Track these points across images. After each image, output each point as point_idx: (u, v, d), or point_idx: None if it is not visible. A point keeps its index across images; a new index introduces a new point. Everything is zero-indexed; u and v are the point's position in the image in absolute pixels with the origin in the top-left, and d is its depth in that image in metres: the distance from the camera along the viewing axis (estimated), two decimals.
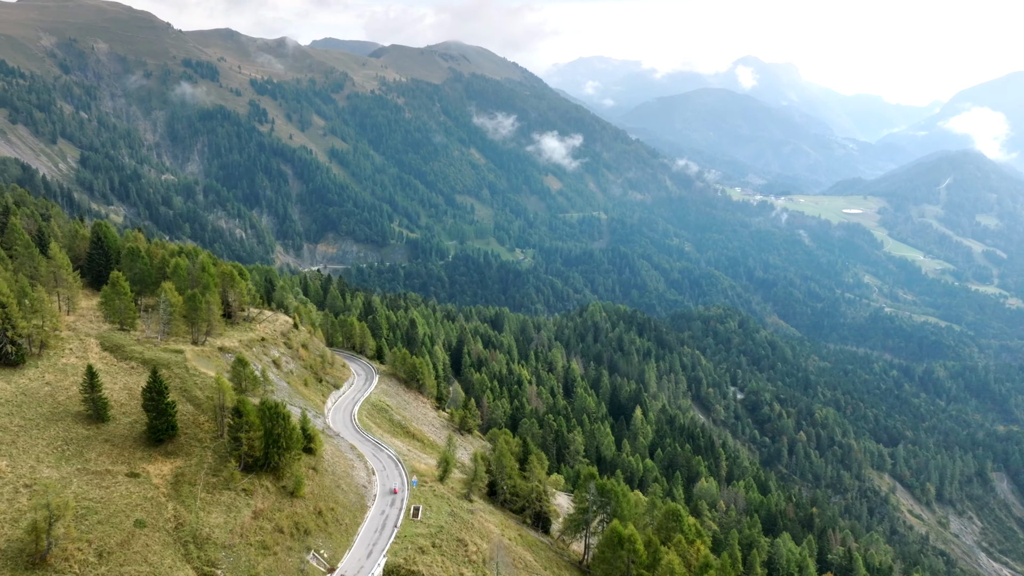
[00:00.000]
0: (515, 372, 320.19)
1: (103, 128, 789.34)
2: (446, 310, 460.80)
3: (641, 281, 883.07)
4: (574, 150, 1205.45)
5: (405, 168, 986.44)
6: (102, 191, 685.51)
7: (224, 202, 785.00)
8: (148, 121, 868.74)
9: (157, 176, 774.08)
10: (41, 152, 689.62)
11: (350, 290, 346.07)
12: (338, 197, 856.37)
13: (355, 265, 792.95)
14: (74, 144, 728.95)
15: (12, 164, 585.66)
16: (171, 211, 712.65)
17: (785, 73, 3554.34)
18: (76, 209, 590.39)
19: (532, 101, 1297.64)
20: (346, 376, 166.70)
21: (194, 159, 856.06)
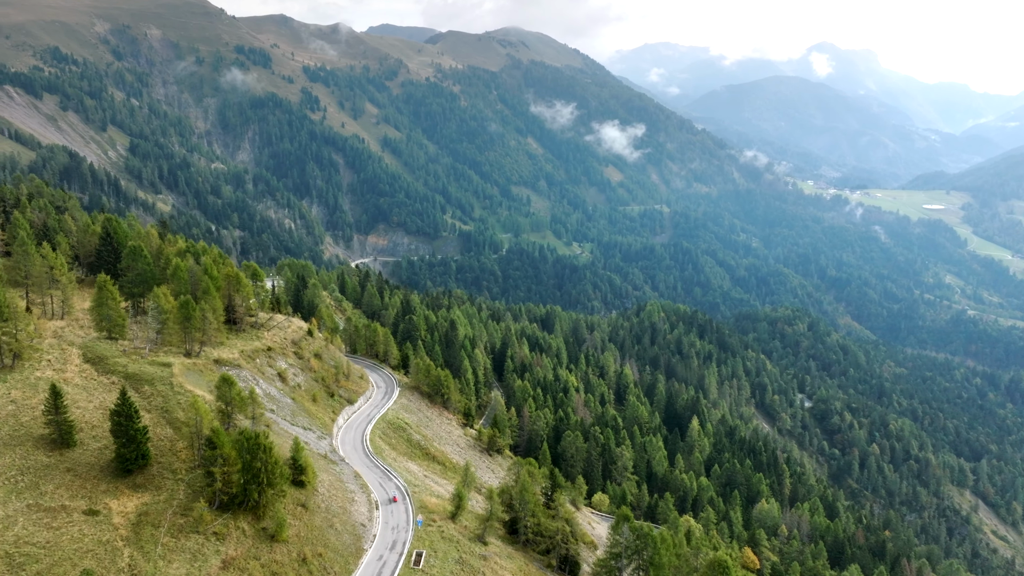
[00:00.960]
0: (562, 378, 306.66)
1: (154, 115, 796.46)
2: (493, 309, 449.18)
3: (704, 278, 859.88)
4: (636, 140, 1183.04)
5: (459, 158, 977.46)
6: (151, 180, 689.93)
7: (274, 192, 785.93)
8: (199, 108, 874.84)
9: (207, 165, 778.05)
10: (91, 140, 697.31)
11: (389, 288, 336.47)
12: (390, 187, 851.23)
13: (406, 258, 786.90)
14: (124, 132, 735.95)
15: (60, 152, 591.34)
16: (220, 200, 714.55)
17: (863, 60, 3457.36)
18: (123, 198, 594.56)
19: (593, 89, 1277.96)
20: (363, 389, 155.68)
21: (244, 148, 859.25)
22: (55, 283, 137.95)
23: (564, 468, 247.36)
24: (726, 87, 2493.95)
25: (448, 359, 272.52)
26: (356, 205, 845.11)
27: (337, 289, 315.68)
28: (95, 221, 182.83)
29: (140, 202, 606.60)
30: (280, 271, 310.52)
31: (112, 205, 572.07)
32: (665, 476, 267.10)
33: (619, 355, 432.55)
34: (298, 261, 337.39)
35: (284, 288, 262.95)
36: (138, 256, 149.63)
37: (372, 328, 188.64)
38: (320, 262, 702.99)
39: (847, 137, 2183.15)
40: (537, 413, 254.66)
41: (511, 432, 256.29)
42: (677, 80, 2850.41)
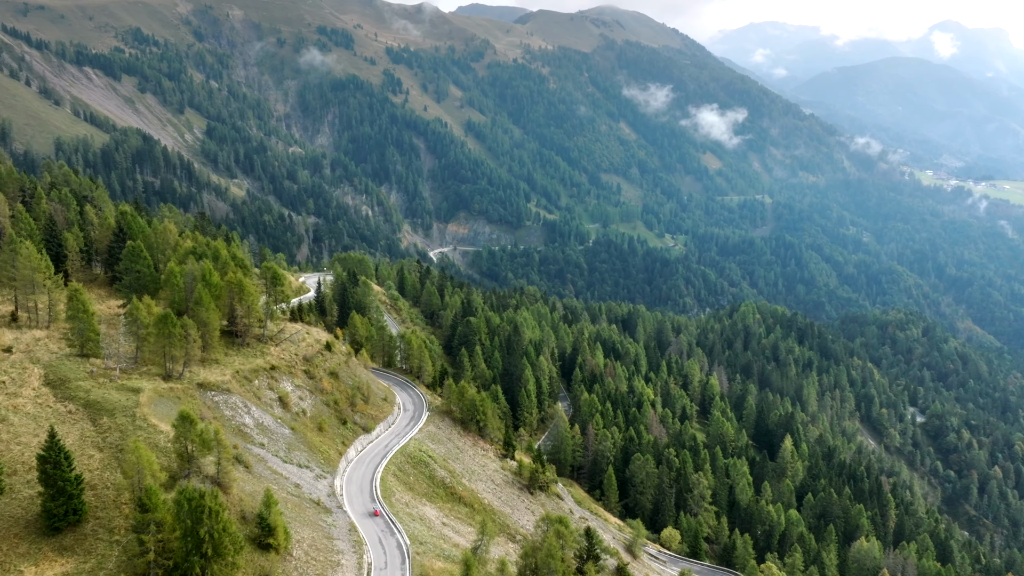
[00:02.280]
0: (636, 391, 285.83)
1: (232, 98, 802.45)
2: (570, 308, 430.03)
3: (808, 275, 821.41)
4: (736, 125, 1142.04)
5: (546, 143, 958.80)
6: (226, 163, 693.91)
7: (351, 177, 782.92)
8: (279, 91, 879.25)
9: (284, 148, 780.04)
10: (168, 122, 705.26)
11: (452, 285, 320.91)
12: (472, 174, 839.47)
13: (486, 247, 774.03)
14: (201, 114, 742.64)
15: (133, 134, 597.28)
16: (295, 186, 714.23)
17: (992, 40, 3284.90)
18: (195, 182, 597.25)
19: (691, 71, 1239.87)
20: (385, 414, 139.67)
21: (324, 131, 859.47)
22: (37, 288, 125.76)
23: (632, 495, 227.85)
24: (838, 69, 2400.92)
25: (508, 367, 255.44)
26: (436, 192, 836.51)
27: (395, 286, 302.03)
28: (110, 215, 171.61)
29: (213, 187, 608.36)
30: (333, 266, 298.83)
31: (183, 190, 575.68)
32: (749, 507, 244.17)
33: (707, 361, 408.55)
34: (353, 255, 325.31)
35: (332, 286, 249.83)
36: (136, 257, 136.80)
37: (406, 339, 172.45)
38: (396, 251, 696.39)
39: (972, 123, 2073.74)
40: (604, 431, 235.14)
41: (574, 452, 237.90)
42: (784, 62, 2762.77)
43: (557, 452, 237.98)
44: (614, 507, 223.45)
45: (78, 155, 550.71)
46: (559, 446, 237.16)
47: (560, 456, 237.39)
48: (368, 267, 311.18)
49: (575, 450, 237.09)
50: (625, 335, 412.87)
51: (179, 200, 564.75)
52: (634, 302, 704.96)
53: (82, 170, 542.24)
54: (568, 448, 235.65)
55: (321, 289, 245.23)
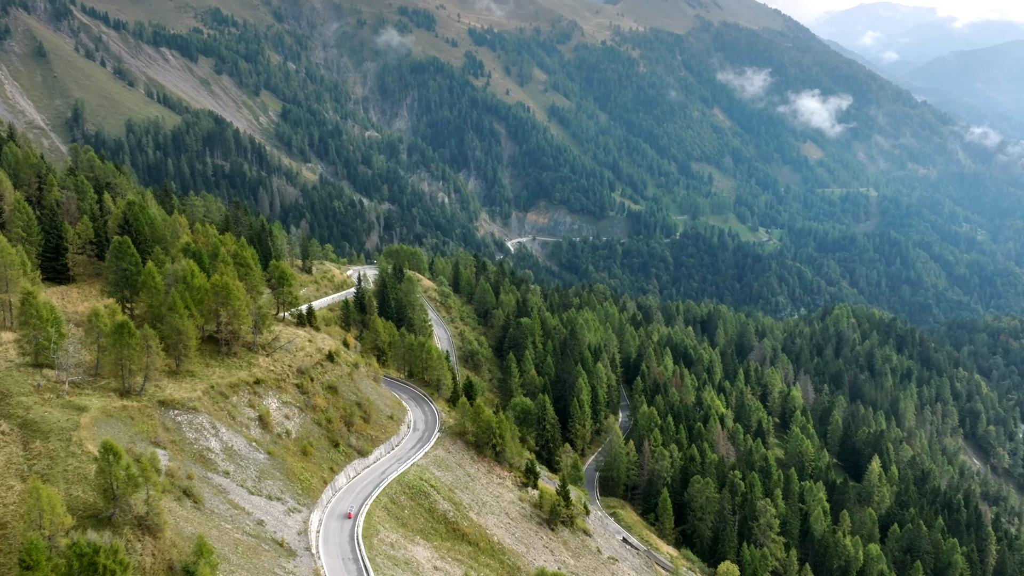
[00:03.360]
0: (705, 403, 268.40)
1: (310, 80, 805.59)
2: (644, 308, 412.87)
3: (915, 275, 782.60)
4: (839, 112, 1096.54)
5: (633, 130, 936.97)
6: (300, 147, 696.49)
7: (428, 162, 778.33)
8: (358, 73, 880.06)
9: (360, 133, 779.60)
10: (243, 104, 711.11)
11: (510, 281, 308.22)
12: (554, 161, 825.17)
13: (567, 238, 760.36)
14: (277, 97, 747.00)
15: (205, 116, 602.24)
16: (370, 171, 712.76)
17: None
18: (265, 166, 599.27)
19: (792, 54, 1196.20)
20: (387, 435, 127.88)
21: (402, 115, 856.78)
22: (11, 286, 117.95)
23: (690, 521, 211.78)
24: (955, 53, 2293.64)
25: (561, 374, 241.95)
26: (516, 179, 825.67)
27: (448, 281, 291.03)
28: (124, 204, 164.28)
29: (284, 171, 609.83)
30: (382, 259, 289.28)
31: (253, 174, 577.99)
32: (824, 538, 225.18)
33: (792, 369, 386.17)
34: (405, 247, 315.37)
35: (375, 282, 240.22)
36: (123, 253, 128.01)
37: (427, 347, 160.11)
38: (472, 240, 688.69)
39: None
40: (660, 449, 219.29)
41: (628, 470, 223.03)
42: (896, 45, 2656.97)
43: (610, 470, 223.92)
44: (669, 534, 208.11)
45: (148, 137, 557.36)
46: (612, 463, 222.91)
47: (613, 474, 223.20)
48: (420, 260, 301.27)
49: (629, 468, 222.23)
50: (703, 338, 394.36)
51: (248, 184, 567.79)
52: (722, 300, 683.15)
53: (152, 153, 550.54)
54: (622, 466, 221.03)
55: (361, 284, 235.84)
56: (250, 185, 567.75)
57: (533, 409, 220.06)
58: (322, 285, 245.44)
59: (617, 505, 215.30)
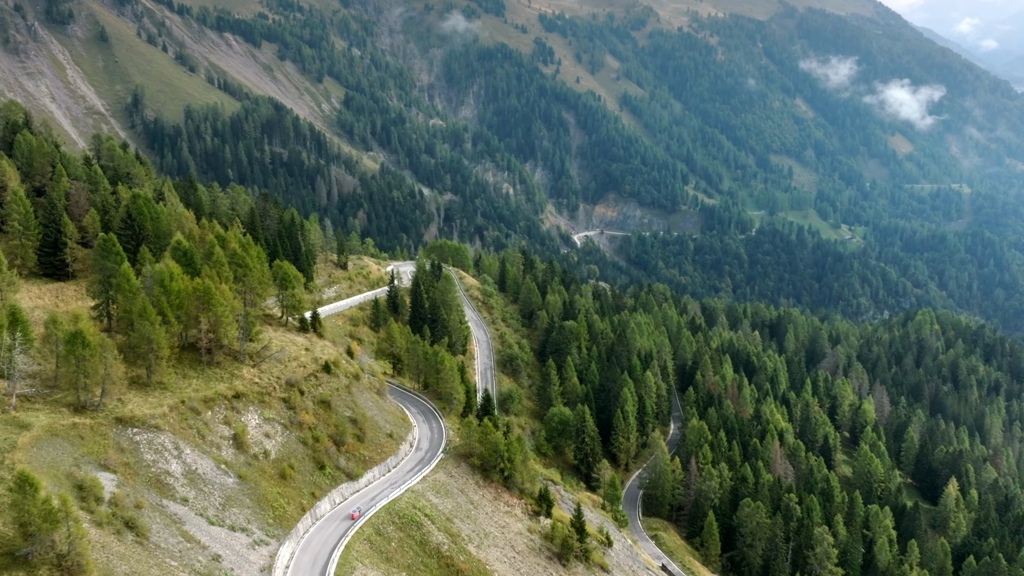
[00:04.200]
0: (764, 416, 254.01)
1: (374, 67, 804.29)
2: (709, 310, 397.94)
3: (1010, 278, 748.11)
4: (931, 104, 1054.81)
5: (709, 120, 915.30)
6: (362, 135, 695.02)
7: (493, 152, 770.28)
8: (424, 60, 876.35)
9: (424, 121, 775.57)
10: (305, 91, 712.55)
11: (560, 279, 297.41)
12: (624, 152, 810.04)
13: (636, 232, 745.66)
14: (340, 83, 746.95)
15: (265, 103, 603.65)
16: (433, 160, 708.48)
17: None
18: (324, 154, 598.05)
19: (882, 42, 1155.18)
20: (384, 455, 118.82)
21: (468, 103, 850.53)
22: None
23: (739, 547, 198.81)
24: None
25: (606, 383, 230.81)
26: (584, 170, 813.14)
27: (494, 280, 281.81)
28: (125, 197, 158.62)
29: (343, 159, 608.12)
30: (427, 254, 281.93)
31: (311, 162, 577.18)
32: (888, 570, 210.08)
33: (867, 379, 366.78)
34: (449, 243, 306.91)
35: (414, 280, 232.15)
36: (107, 252, 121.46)
37: (440, 357, 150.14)
38: (537, 233, 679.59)
39: None
40: (709, 468, 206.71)
41: (674, 490, 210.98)
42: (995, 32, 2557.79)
43: (654, 488, 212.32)
44: (714, 560, 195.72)
45: (207, 123, 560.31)
46: (656, 481, 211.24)
47: (657, 493, 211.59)
48: (465, 257, 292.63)
49: (675, 487, 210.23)
50: (770, 344, 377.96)
51: (306, 173, 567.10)
52: (799, 301, 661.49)
53: (210, 140, 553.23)
54: (667, 484, 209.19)
55: (394, 283, 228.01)
56: (308, 174, 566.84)
57: (572, 420, 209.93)
58: (356, 282, 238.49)
59: (660, 527, 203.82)
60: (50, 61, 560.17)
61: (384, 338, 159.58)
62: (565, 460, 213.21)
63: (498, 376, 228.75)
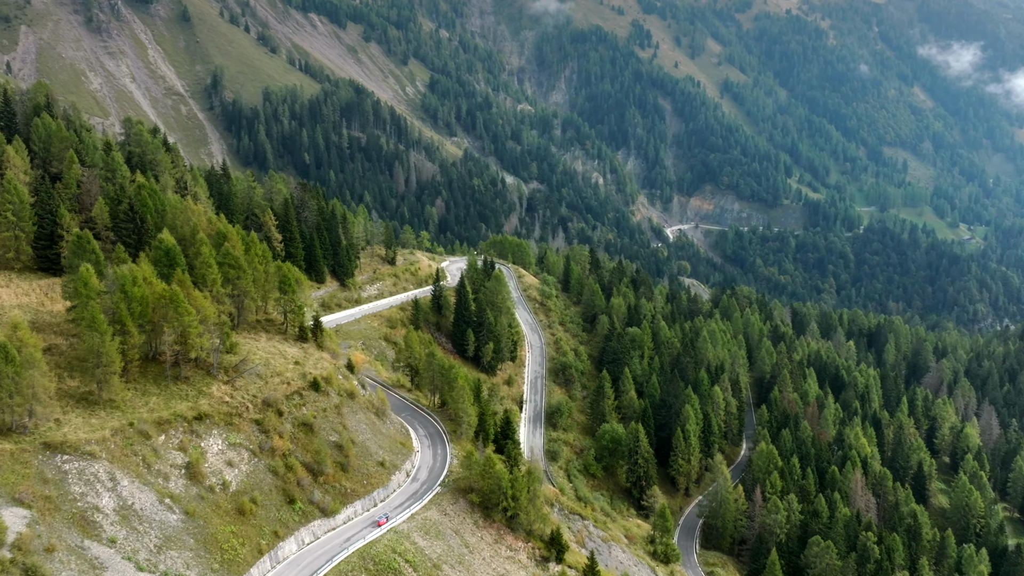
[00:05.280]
0: (847, 440, 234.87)
1: (462, 49, 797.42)
2: (799, 315, 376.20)
3: None
4: None
5: (817, 108, 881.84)
6: (446, 120, 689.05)
7: (583, 140, 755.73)
8: (514, 42, 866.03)
9: (512, 106, 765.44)
10: (389, 73, 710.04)
11: (630, 279, 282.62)
12: (724, 141, 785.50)
13: (734, 227, 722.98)
14: (426, 66, 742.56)
15: (345, 86, 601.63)
16: (519, 147, 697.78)
17: None
18: (404, 139, 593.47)
19: (1011, 26, 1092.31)
20: (370, 487, 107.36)
21: (559, 88, 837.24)
22: None
23: None
24: None
25: (667, 397, 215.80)
26: (680, 160, 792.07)
27: (555, 280, 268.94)
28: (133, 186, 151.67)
29: (423, 144, 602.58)
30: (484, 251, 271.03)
31: (389, 147, 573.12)
32: None
33: (975, 398, 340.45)
34: (510, 238, 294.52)
35: (460, 279, 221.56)
36: (82, 250, 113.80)
37: (453, 371, 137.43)
38: (626, 226, 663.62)
39: None
40: (775, 500, 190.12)
41: (736, 522, 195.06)
42: None
43: (715, 518, 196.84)
44: None
45: (285, 106, 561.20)
46: (717, 511, 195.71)
47: (718, 524, 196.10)
48: (526, 253, 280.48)
49: (737, 519, 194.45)
50: (867, 355, 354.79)
51: (384, 159, 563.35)
52: (909, 305, 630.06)
53: (287, 123, 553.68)
54: (728, 515, 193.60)
55: (439, 282, 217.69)
56: (386, 159, 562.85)
57: (625, 438, 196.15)
58: (402, 279, 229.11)
59: (718, 562, 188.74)
60: (132, 41, 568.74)
61: (403, 347, 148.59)
62: (616, 482, 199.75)
63: (549, 386, 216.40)
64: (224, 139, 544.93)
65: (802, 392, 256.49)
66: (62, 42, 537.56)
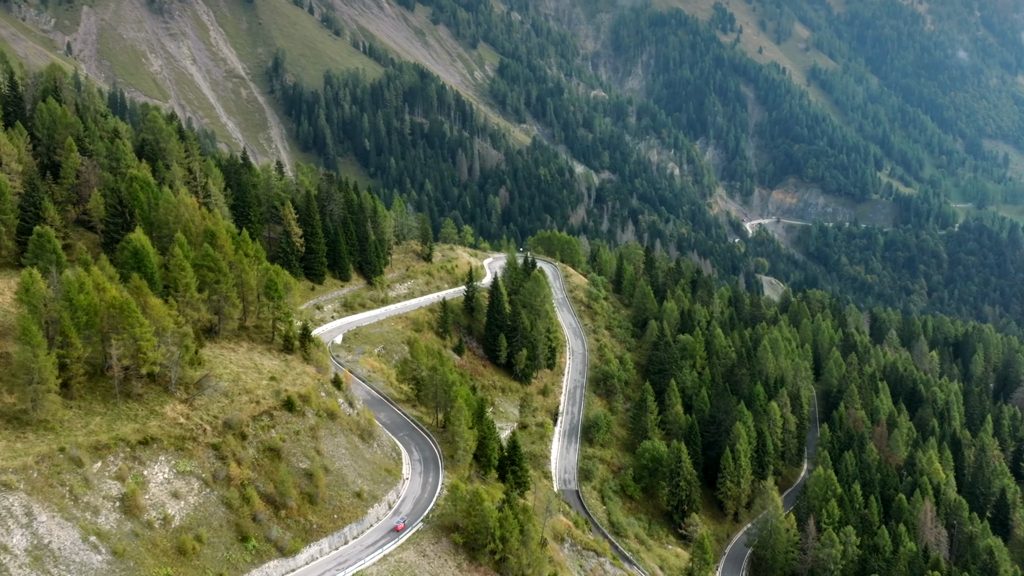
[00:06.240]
0: (919, 465, 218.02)
1: (534, 32, 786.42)
2: (879, 322, 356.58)
3: None
4: None
5: (911, 98, 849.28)
6: (514, 105, 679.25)
7: (659, 128, 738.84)
8: (590, 26, 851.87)
9: (585, 92, 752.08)
10: (457, 57, 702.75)
11: (688, 280, 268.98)
12: (809, 132, 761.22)
13: (818, 223, 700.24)
14: (496, 50, 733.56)
15: (409, 70, 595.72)
16: (590, 135, 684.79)
17: None
18: (468, 125, 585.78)
19: None
20: (342, 522, 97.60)
21: (635, 74, 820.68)
22: None
23: None
24: None
25: (717, 413, 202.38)
26: (762, 151, 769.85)
27: (605, 280, 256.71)
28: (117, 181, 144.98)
29: (489, 131, 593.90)
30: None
31: (453, 134, 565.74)
32: None
33: None
34: (559, 235, 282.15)
35: (493, 279, 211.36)
36: (42, 249, 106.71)
37: (454, 388, 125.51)
38: (702, 219, 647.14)
39: None
40: (831, 532, 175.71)
41: (787, 554, 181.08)
42: None
43: (765, 548, 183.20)
44: None
45: (346, 90, 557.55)
46: (767, 541, 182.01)
47: (768, 555, 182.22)
48: (576, 251, 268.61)
49: (788, 551, 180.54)
50: (952, 367, 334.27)
51: (447, 145, 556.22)
52: (1007, 310, 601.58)
53: (348, 107, 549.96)
54: (779, 546, 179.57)
55: (471, 282, 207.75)
56: (449, 146, 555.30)
57: (666, 458, 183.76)
58: (436, 278, 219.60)
59: None
60: (194, 22, 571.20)
61: (408, 358, 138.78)
62: (656, 505, 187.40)
63: (588, 397, 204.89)
64: (284, 124, 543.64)
65: (872, 409, 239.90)
66: (123, 23, 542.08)
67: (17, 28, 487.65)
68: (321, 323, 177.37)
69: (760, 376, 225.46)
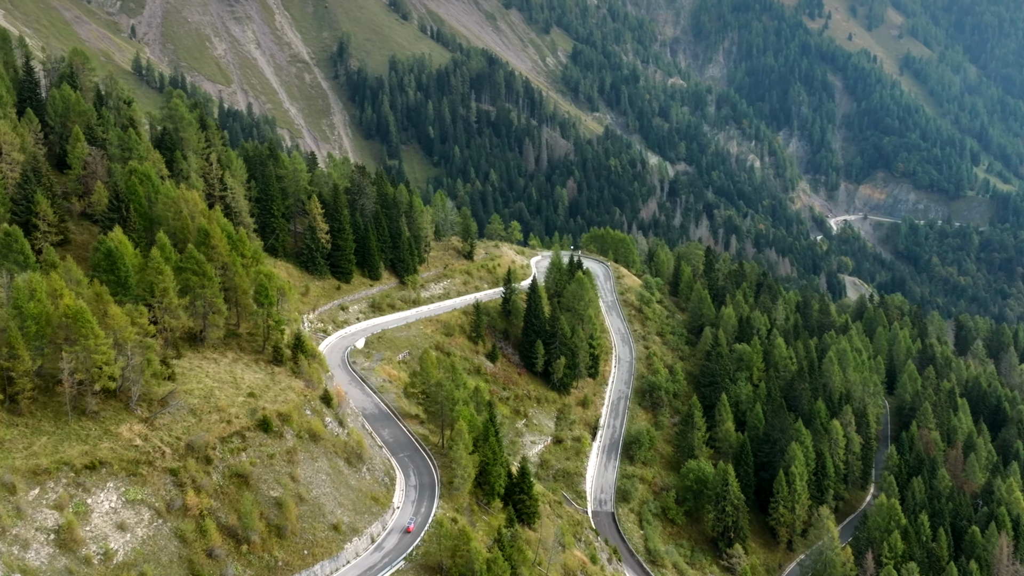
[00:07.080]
0: (997, 494, 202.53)
1: (611, 17, 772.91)
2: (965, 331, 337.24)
3: None
4: None
5: (1012, 88, 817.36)
6: (587, 93, 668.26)
7: (740, 118, 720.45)
8: (669, 11, 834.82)
9: (662, 79, 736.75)
10: (529, 43, 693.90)
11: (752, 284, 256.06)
12: (900, 124, 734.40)
13: (908, 220, 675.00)
14: (569, 35, 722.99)
15: (476, 56, 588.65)
16: (666, 124, 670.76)
17: None
18: (536, 114, 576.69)
19: None
20: (312, 559, 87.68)
21: (716, 61, 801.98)
22: None
23: None
24: None
25: (772, 431, 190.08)
26: (849, 144, 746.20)
27: (661, 282, 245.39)
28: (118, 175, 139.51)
29: (558, 120, 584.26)
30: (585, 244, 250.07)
31: (520, 122, 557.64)
32: None
33: None
34: (613, 233, 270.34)
35: (532, 281, 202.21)
36: (8, 249, 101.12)
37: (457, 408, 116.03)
38: (783, 215, 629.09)
39: None
40: (890, 569, 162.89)
41: None
42: None
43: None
44: None
45: (411, 76, 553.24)
46: (822, 574, 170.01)
47: None
48: (630, 251, 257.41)
49: None
50: None
51: (514, 134, 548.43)
52: None
53: (412, 94, 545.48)
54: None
55: (509, 283, 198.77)
56: (516, 135, 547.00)
57: (712, 479, 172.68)
58: (475, 277, 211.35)
59: None
60: (259, 5, 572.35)
61: (419, 369, 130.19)
62: (701, 530, 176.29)
63: (632, 410, 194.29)
64: (347, 110, 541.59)
65: (948, 429, 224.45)
66: (189, 5, 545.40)
67: (81, 10, 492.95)
68: (344, 325, 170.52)
69: (824, 391, 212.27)
